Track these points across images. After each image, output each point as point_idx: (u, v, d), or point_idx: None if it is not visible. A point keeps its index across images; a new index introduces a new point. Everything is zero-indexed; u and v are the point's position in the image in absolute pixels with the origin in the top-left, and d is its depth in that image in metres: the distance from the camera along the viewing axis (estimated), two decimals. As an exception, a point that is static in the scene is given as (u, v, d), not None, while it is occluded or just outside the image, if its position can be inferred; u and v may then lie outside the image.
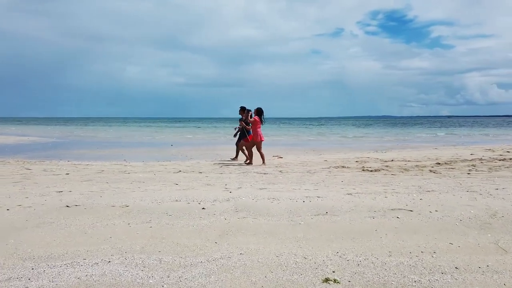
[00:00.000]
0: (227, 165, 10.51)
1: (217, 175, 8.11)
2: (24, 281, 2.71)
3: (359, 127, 55.66)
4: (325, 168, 9.68)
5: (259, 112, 10.99)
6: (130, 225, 3.99)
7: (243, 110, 11.52)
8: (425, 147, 18.66)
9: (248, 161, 10.96)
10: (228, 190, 5.94)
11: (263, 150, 10.92)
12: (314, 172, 8.61)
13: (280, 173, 8.54)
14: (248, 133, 11.04)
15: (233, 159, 12.00)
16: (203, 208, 4.61)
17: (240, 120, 11.50)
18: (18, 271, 2.88)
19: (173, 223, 4.05)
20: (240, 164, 10.70)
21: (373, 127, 55.08)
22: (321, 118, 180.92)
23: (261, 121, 10.94)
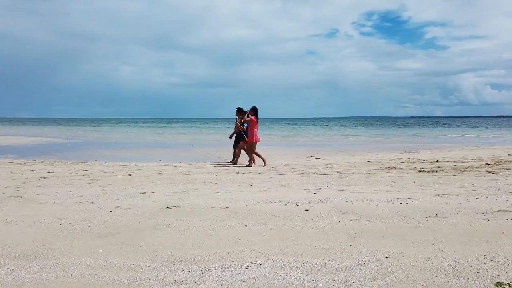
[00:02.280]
0: (277, 167, 10.46)
1: (279, 176, 8.06)
2: (192, 285, 2.68)
3: (363, 127, 55.26)
4: (377, 169, 9.57)
5: (255, 111, 10.76)
6: (247, 226, 3.95)
7: (239, 111, 11.21)
8: (449, 147, 18.63)
9: (249, 162, 10.62)
10: (308, 191, 5.89)
11: (261, 152, 10.70)
12: (372, 174, 8.51)
13: (338, 173, 8.47)
14: (246, 134, 10.73)
15: (231, 162, 11.33)
16: (306, 210, 4.56)
17: (236, 121, 11.25)
18: (178, 274, 2.85)
19: (290, 225, 4.00)
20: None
21: (378, 127, 54.57)
22: (315, 119, 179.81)
23: (257, 121, 10.74)
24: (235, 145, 11.40)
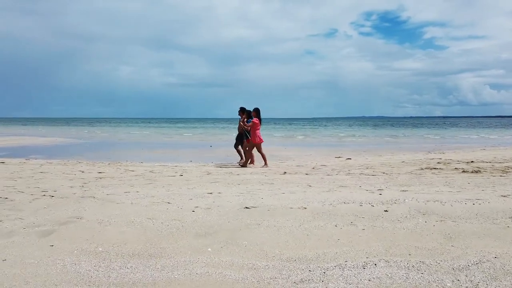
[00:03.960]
0: (317, 167, 10.50)
1: (328, 176, 8.12)
2: (320, 284, 2.76)
3: (370, 127, 54.98)
4: (419, 169, 9.56)
5: (257, 112, 10.76)
6: (338, 227, 4.02)
7: (242, 111, 11.18)
8: (469, 147, 18.68)
9: (242, 162, 10.63)
10: (371, 192, 5.94)
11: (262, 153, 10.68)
12: (419, 174, 8.51)
13: (385, 174, 8.49)
14: (249, 133, 10.75)
15: (246, 163, 11.02)
16: (385, 211, 4.61)
17: (240, 121, 11.21)
18: (300, 273, 2.93)
19: (379, 225, 4.06)
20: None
21: (384, 128, 54.25)
22: (315, 119, 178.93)
23: (260, 122, 10.75)
24: (236, 146, 11.40)
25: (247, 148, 10.91)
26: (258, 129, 10.69)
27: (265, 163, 10.51)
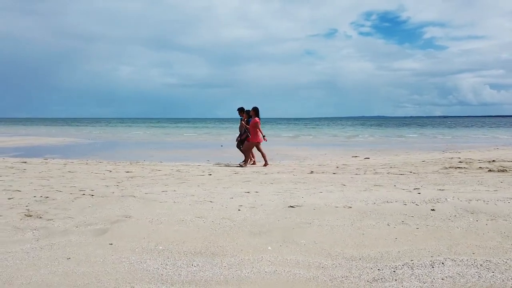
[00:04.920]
0: (341, 167, 10.48)
1: (356, 176, 8.11)
2: (394, 282, 2.76)
3: (375, 127, 54.83)
4: (443, 168, 9.52)
5: (256, 111, 10.74)
6: (390, 226, 4.01)
7: (242, 111, 11.26)
8: (481, 146, 18.72)
9: (244, 162, 10.62)
10: (409, 191, 5.91)
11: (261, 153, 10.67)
12: (446, 174, 8.46)
13: (413, 173, 8.45)
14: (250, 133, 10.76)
15: (252, 164, 11.08)
16: (432, 210, 4.59)
17: (241, 120, 11.28)
18: (370, 272, 2.93)
19: (432, 224, 4.04)
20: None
21: (388, 128, 54.17)
22: (314, 119, 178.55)
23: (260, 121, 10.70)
24: (239, 146, 11.45)
25: (242, 148, 10.94)
26: (259, 128, 10.64)
27: (266, 162, 10.44)
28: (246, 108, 11.33)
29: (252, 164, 10.86)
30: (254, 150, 10.91)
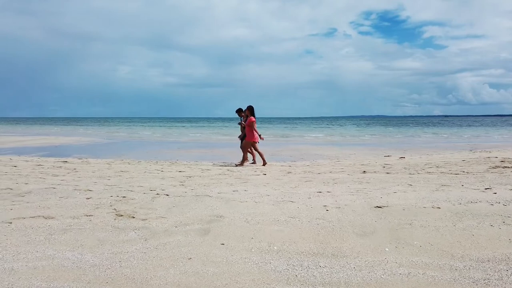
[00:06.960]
0: (392, 166, 10.41)
1: (412, 175, 8.04)
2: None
3: (381, 126, 54.38)
4: (491, 168, 9.38)
5: (251, 110, 10.60)
6: (494, 226, 3.96)
7: (240, 111, 11.20)
8: (506, 146, 18.31)
9: (241, 162, 10.56)
10: (482, 191, 5.83)
11: (259, 152, 10.59)
12: (501, 173, 8.34)
13: (467, 173, 8.34)
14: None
15: (252, 163, 11.04)
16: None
17: (241, 121, 11.22)
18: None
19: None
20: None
21: (393, 127, 53.77)
22: (315, 118, 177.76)
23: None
24: (241, 146, 11.34)
25: (242, 147, 10.83)
26: (255, 127, 10.53)
27: (264, 162, 10.32)
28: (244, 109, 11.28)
29: (252, 163, 10.76)
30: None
